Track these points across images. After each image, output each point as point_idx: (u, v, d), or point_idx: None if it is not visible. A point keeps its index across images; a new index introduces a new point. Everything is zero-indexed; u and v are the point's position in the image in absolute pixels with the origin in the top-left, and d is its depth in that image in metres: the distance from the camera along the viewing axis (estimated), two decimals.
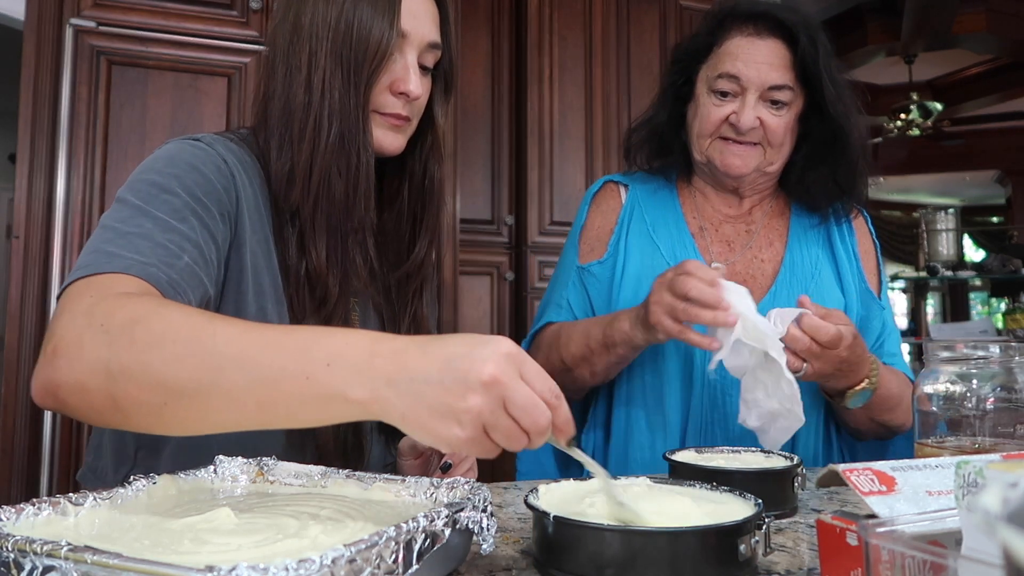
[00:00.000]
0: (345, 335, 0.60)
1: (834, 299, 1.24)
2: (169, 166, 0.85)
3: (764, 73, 1.17)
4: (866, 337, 1.25)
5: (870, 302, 1.27)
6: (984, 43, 5.59)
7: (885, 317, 1.28)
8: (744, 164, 1.22)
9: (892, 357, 1.26)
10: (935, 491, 0.54)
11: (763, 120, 1.18)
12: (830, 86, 1.17)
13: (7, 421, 1.86)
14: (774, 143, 1.20)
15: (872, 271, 1.31)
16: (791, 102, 1.19)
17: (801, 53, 1.16)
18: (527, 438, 0.56)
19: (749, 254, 1.27)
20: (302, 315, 0.90)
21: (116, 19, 1.98)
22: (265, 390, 0.59)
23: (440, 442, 0.56)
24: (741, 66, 1.18)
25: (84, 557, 0.44)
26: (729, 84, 1.19)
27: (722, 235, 1.29)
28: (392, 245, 1.02)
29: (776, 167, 1.24)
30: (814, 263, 1.26)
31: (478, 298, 2.72)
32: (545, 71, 2.77)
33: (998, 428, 0.83)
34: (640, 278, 1.24)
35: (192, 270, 0.78)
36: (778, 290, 1.23)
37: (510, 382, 0.54)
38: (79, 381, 0.64)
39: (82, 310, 0.67)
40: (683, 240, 1.27)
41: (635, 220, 1.30)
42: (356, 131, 0.89)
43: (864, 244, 1.32)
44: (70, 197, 1.92)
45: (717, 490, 0.70)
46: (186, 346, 0.61)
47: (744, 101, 1.18)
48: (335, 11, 0.88)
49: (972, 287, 8.65)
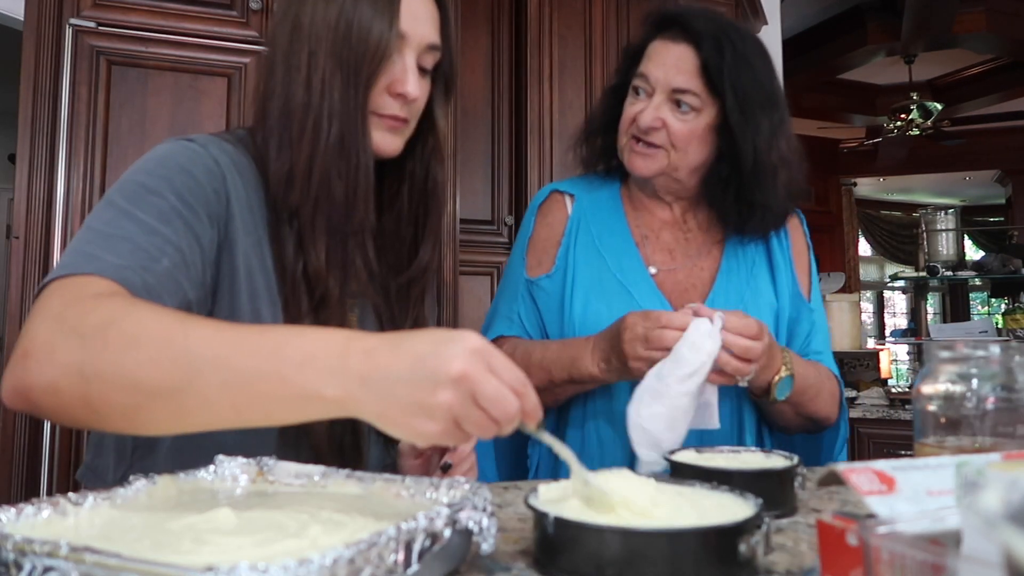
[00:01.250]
0: (318, 335, 0.61)
1: (768, 303, 1.26)
2: (159, 167, 0.85)
3: (671, 76, 1.19)
4: (795, 338, 1.28)
5: (799, 304, 1.29)
6: (984, 43, 5.59)
7: (814, 318, 1.30)
8: (646, 166, 1.23)
9: (818, 354, 1.28)
10: (935, 491, 0.54)
11: (666, 122, 1.19)
12: (731, 96, 1.16)
13: (7, 421, 1.86)
14: (678, 146, 1.20)
15: (804, 271, 1.33)
16: (700, 109, 1.19)
17: (704, 59, 1.17)
18: (498, 426, 0.58)
19: (689, 262, 1.29)
20: (298, 316, 0.90)
21: (116, 19, 1.98)
22: (240, 391, 0.60)
23: (415, 437, 0.58)
24: (652, 67, 1.20)
25: (84, 557, 0.44)
26: (642, 82, 1.22)
27: (663, 243, 1.31)
28: (392, 247, 1.02)
29: (683, 173, 1.24)
30: (750, 268, 1.28)
31: (478, 298, 2.72)
32: (545, 71, 2.77)
33: (998, 428, 0.83)
34: (589, 291, 1.26)
35: (171, 274, 0.78)
36: (715, 296, 1.25)
37: (478, 376, 0.56)
38: (52, 383, 0.64)
39: (54, 312, 0.67)
40: (628, 250, 1.28)
41: (581, 231, 1.31)
42: (356, 133, 0.89)
43: (798, 245, 1.34)
44: (70, 197, 1.92)
45: (717, 490, 0.70)
46: (159, 348, 0.61)
47: (651, 101, 1.20)
48: (335, 11, 0.88)
49: (972, 287, 8.65)
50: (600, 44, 2.85)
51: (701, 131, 1.20)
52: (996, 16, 5.22)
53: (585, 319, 1.25)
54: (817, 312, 1.31)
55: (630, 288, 1.25)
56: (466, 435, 0.58)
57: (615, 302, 1.24)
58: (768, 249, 1.30)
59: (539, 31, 2.77)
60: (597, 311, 1.24)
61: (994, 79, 6.67)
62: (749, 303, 1.24)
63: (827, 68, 6.30)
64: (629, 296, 1.24)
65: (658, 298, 1.24)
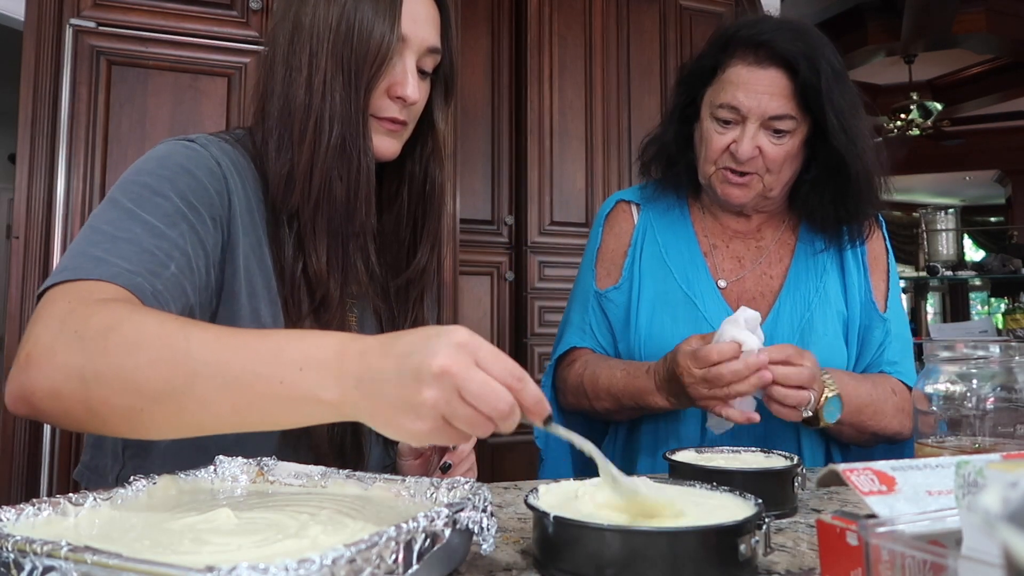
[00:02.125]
0: (316, 338, 0.61)
1: (837, 311, 1.24)
2: (161, 167, 0.84)
3: (764, 103, 1.15)
4: (867, 347, 1.25)
5: (872, 313, 1.26)
6: (984, 43, 5.59)
7: (889, 327, 1.26)
8: (743, 195, 1.22)
9: (892, 365, 1.24)
10: (935, 491, 0.54)
11: (762, 148, 1.17)
12: (832, 117, 1.14)
13: (7, 421, 1.86)
14: (773, 170, 1.19)
15: (881, 279, 1.30)
16: (794, 130, 1.17)
17: (802, 83, 1.15)
18: (492, 423, 0.56)
19: (759, 270, 1.28)
20: (297, 317, 0.90)
21: (116, 19, 1.98)
22: (239, 394, 0.60)
23: (405, 436, 0.57)
24: (741, 96, 1.16)
25: (84, 557, 0.44)
26: (730, 114, 1.18)
27: (732, 252, 1.30)
28: (391, 249, 1.02)
29: (777, 191, 1.23)
30: (819, 276, 1.26)
31: (478, 298, 2.72)
32: (545, 71, 2.77)
33: (998, 428, 0.83)
34: (655, 303, 1.26)
35: (177, 280, 0.78)
36: (781, 305, 1.24)
37: (461, 371, 0.54)
38: (53, 387, 0.64)
39: (57, 316, 0.67)
40: (695, 261, 1.28)
41: (647, 242, 1.31)
42: (357, 135, 0.88)
43: (874, 251, 1.31)
44: (70, 197, 1.92)
45: (717, 490, 0.70)
46: (160, 352, 0.62)
47: (744, 130, 1.17)
48: (336, 12, 0.88)
49: (972, 287, 8.65)
50: (600, 44, 2.86)
51: (795, 150, 1.19)
52: (996, 16, 5.22)
53: (651, 332, 1.25)
54: (894, 322, 1.27)
55: (696, 301, 1.24)
56: (462, 433, 0.57)
57: (681, 315, 1.24)
58: (841, 256, 1.28)
59: (539, 31, 2.77)
60: (662, 324, 1.24)
61: (994, 79, 6.68)
62: (816, 310, 1.22)
63: None
64: (695, 309, 1.24)
65: (725, 311, 1.23)
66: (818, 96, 1.14)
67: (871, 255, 1.30)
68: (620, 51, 2.89)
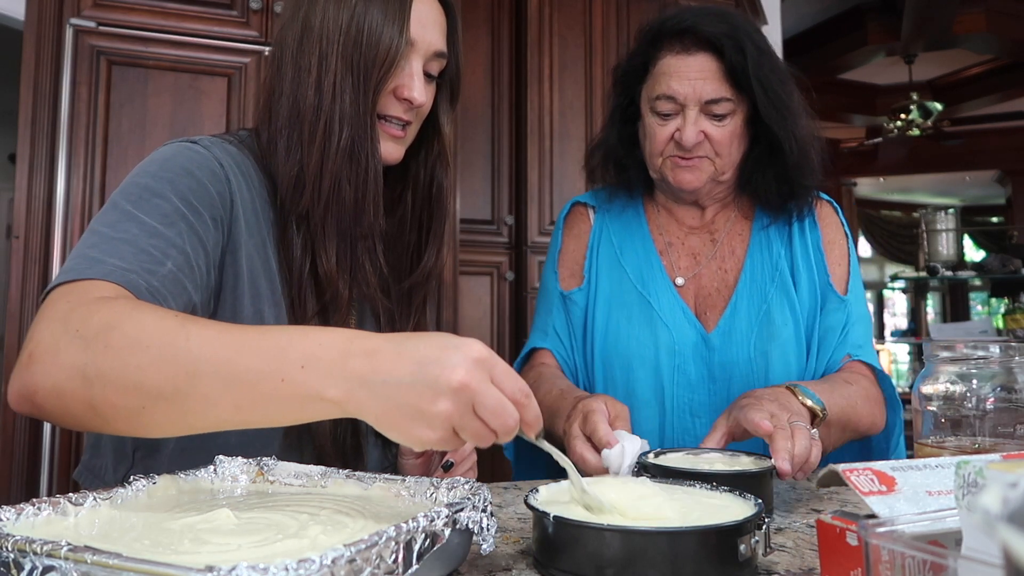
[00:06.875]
0: (320, 335, 0.61)
1: (790, 299, 1.24)
2: (163, 169, 0.84)
3: (699, 88, 1.17)
4: (829, 332, 1.24)
5: (829, 295, 1.26)
6: (984, 43, 5.59)
7: (849, 310, 1.25)
8: (696, 178, 1.22)
9: (858, 348, 1.23)
10: (935, 491, 0.54)
11: (707, 133, 1.19)
12: (761, 93, 1.16)
13: (7, 421, 1.86)
14: (722, 153, 1.21)
15: (838, 261, 1.29)
16: (732, 111, 1.19)
17: (729, 64, 1.16)
18: (495, 436, 0.59)
19: (714, 265, 1.28)
20: (303, 318, 0.90)
21: (116, 19, 1.98)
22: (241, 392, 0.60)
23: (412, 442, 0.58)
24: (675, 85, 1.18)
25: (84, 557, 0.44)
26: (668, 104, 1.19)
27: (688, 248, 1.30)
28: (395, 251, 1.02)
29: (729, 175, 1.24)
30: (774, 264, 1.26)
31: (478, 298, 2.72)
32: (545, 71, 2.77)
33: (998, 428, 0.83)
34: (611, 304, 1.27)
35: (175, 277, 0.78)
36: (738, 299, 1.24)
37: (479, 387, 0.56)
38: (56, 386, 0.64)
39: (58, 316, 0.67)
40: (650, 260, 1.29)
41: (603, 244, 1.32)
42: (365, 138, 0.89)
43: (828, 235, 1.30)
44: (70, 197, 1.92)
45: (717, 490, 0.70)
46: (161, 350, 0.62)
47: (685, 117, 1.18)
48: (346, 14, 0.88)
49: (972, 287, 8.65)
50: (600, 44, 2.85)
51: (739, 130, 1.21)
52: (996, 16, 5.22)
53: (607, 333, 1.25)
54: (854, 304, 1.26)
55: (652, 300, 1.25)
56: (462, 442, 0.59)
57: (636, 315, 1.24)
58: (791, 243, 1.28)
59: (539, 31, 2.77)
60: (618, 325, 1.25)
61: (994, 79, 6.67)
62: (773, 301, 1.23)
63: (827, 68, 6.30)
64: (650, 308, 1.24)
65: (680, 308, 1.24)
66: (746, 74, 1.16)
67: (826, 240, 1.30)
68: (620, 51, 2.89)
